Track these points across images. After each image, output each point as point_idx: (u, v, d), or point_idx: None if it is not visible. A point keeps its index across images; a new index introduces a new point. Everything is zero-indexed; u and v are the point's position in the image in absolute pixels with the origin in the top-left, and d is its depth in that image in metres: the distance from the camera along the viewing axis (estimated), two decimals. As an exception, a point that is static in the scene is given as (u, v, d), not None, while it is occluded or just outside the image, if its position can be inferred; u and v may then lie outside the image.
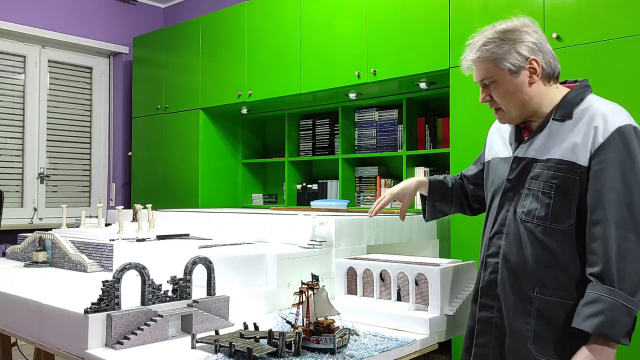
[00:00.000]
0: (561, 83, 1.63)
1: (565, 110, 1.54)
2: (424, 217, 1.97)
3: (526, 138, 1.61)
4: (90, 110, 5.46)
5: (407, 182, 1.93)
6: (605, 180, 1.43)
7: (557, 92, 1.59)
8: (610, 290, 1.39)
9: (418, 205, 2.16)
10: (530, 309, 1.52)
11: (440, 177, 1.96)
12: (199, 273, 1.81)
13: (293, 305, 1.57)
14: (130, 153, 5.34)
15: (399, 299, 1.90)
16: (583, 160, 1.47)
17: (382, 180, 3.91)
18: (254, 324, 1.66)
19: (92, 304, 1.54)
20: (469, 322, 1.70)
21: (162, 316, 1.60)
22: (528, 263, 1.52)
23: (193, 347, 1.53)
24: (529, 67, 1.55)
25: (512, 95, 1.56)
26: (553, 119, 1.55)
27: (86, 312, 1.52)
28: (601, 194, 1.44)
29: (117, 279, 1.57)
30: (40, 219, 5.05)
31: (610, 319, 1.37)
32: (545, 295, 1.50)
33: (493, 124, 1.83)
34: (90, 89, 5.46)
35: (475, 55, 1.58)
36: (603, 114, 1.48)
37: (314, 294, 1.57)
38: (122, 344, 1.51)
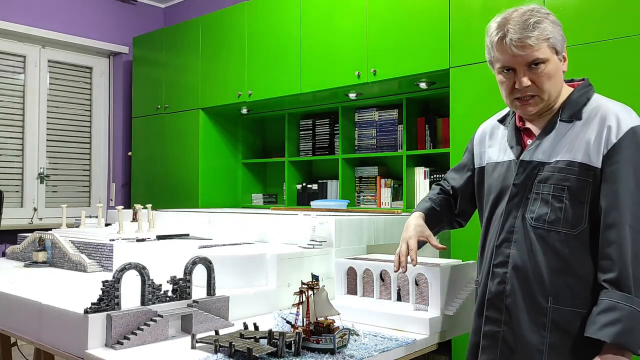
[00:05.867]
0: None
1: (572, 111, 1.48)
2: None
3: (531, 141, 1.53)
4: (90, 110, 5.46)
5: (414, 221, 1.75)
6: (620, 182, 1.37)
7: (565, 88, 1.53)
8: (627, 297, 1.32)
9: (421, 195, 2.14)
10: (544, 321, 1.43)
11: (427, 203, 1.81)
12: (199, 273, 1.81)
13: (293, 305, 1.57)
14: (130, 153, 5.34)
15: (399, 299, 1.90)
16: (596, 162, 1.41)
17: (382, 180, 3.91)
18: (254, 324, 1.66)
19: (92, 304, 1.54)
20: (473, 337, 1.60)
21: (162, 316, 1.60)
22: (540, 271, 1.44)
23: (193, 347, 1.53)
24: (563, 54, 1.50)
25: (555, 79, 1.47)
26: (560, 120, 1.49)
27: (86, 312, 1.52)
28: (617, 196, 1.37)
29: (117, 279, 1.57)
30: (40, 219, 5.05)
31: (628, 327, 1.30)
32: (560, 305, 1.42)
33: (476, 131, 1.79)
34: (90, 89, 5.46)
35: (534, 32, 1.43)
36: (615, 114, 1.43)
37: (314, 294, 1.57)
38: (122, 344, 1.51)
